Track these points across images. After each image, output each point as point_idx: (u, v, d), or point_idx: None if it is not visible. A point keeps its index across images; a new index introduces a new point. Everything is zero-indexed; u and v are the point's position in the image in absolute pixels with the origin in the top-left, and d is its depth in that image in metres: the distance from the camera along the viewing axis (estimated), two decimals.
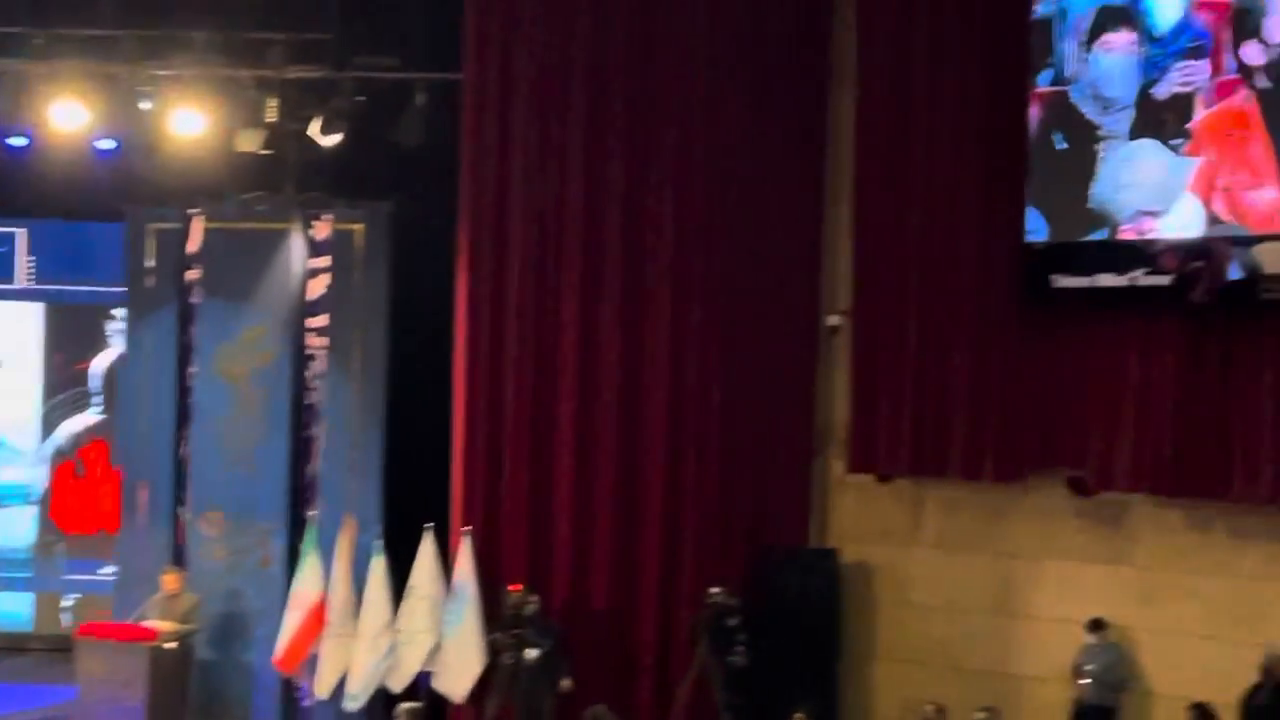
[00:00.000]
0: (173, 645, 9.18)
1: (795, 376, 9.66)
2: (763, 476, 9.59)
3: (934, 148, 9.13)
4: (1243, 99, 8.03)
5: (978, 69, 9.00)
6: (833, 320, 9.64)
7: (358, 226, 9.95)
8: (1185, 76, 8.22)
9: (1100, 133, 8.52)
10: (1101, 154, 8.51)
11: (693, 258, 9.42)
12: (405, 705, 7.54)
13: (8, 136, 10.08)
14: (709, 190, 9.44)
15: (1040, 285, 8.70)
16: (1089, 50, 8.55)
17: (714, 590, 9.13)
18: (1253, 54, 7.98)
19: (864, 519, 9.61)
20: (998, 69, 8.91)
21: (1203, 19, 8.18)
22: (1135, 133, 8.40)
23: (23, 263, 11.41)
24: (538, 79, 9.34)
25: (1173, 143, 8.28)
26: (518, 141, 9.36)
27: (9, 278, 11.44)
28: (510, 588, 9.17)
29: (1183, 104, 8.24)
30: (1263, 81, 7.93)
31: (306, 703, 9.67)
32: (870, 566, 9.53)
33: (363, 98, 9.62)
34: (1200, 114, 8.18)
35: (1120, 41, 8.45)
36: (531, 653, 8.94)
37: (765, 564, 9.43)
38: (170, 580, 9.55)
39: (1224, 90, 8.11)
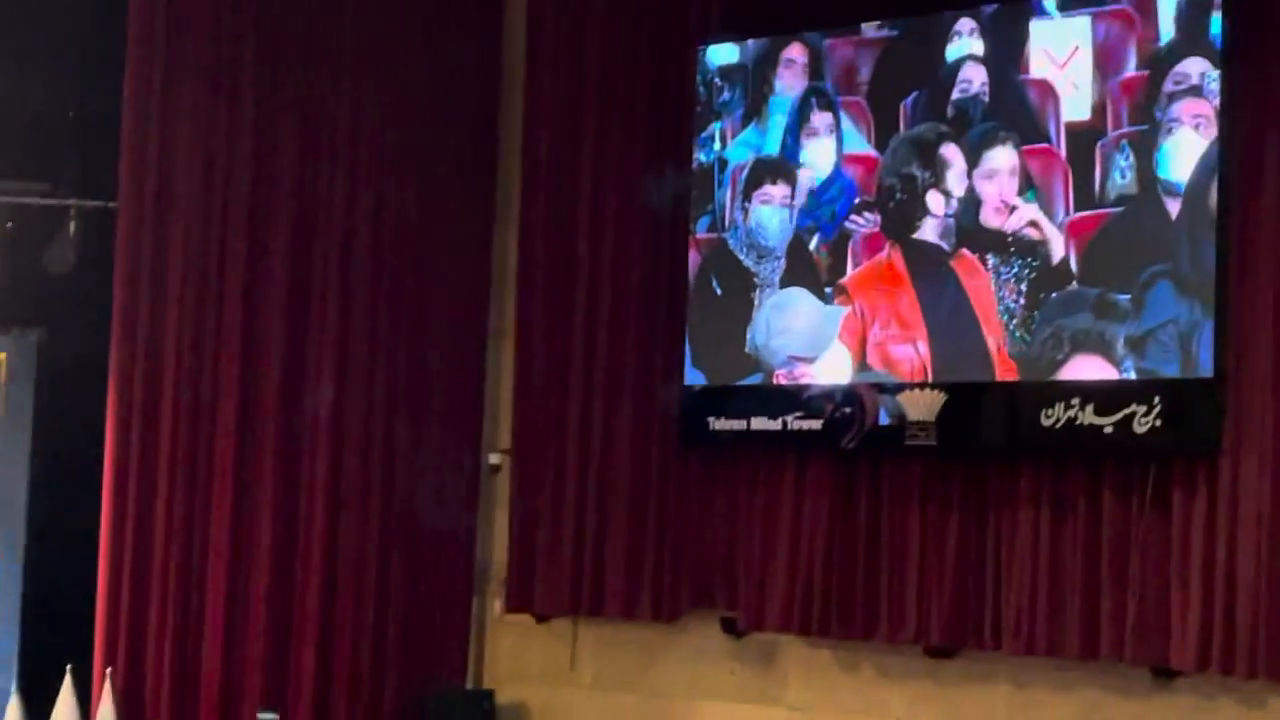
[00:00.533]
0: None
1: (455, 515, 9.56)
2: (421, 616, 9.43)
3: (596, 288, 9.17)
4: (887, 253, 8.28)
5: (640, 213, 9.11)
6: (493, 459, 9.59)
7: (0, 355, 9.59)
8: (838, 228, 8.44)
9: (755, 280, 8.66)
10: (756, 301, 8.65)
11: (353, 396, 9.30)
12: None
13: None
14: (370, 326, 9.36)
15: (698, 428, 8.76)
16: (747, 200, 8.72)
17: None
18: (936, 203, 8.21)
19: (522, 659, 9.51)
20: (661, 212, 9.03)
21: (852, 173, 8.42)
22: (787, 281, 8.57)
23: None
24: (194, 213, 9.15)
25: (825, 291, 8.47)
26: (174, 269, 9.13)
27: None
28: None
29: (836, 254, 8.45)
30: (922, 234, 8.19)
31: None
32: (528, 707, 9.42)
33: (10, 224, 9.33)
34: (851, 265, 8.39)
35: (776, 194, 8.64)
36: None
37: (422, 705, 9.24)
38: None
39: (873, 243, 8.35)
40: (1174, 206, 7.50)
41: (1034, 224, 7.82)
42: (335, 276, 9.29)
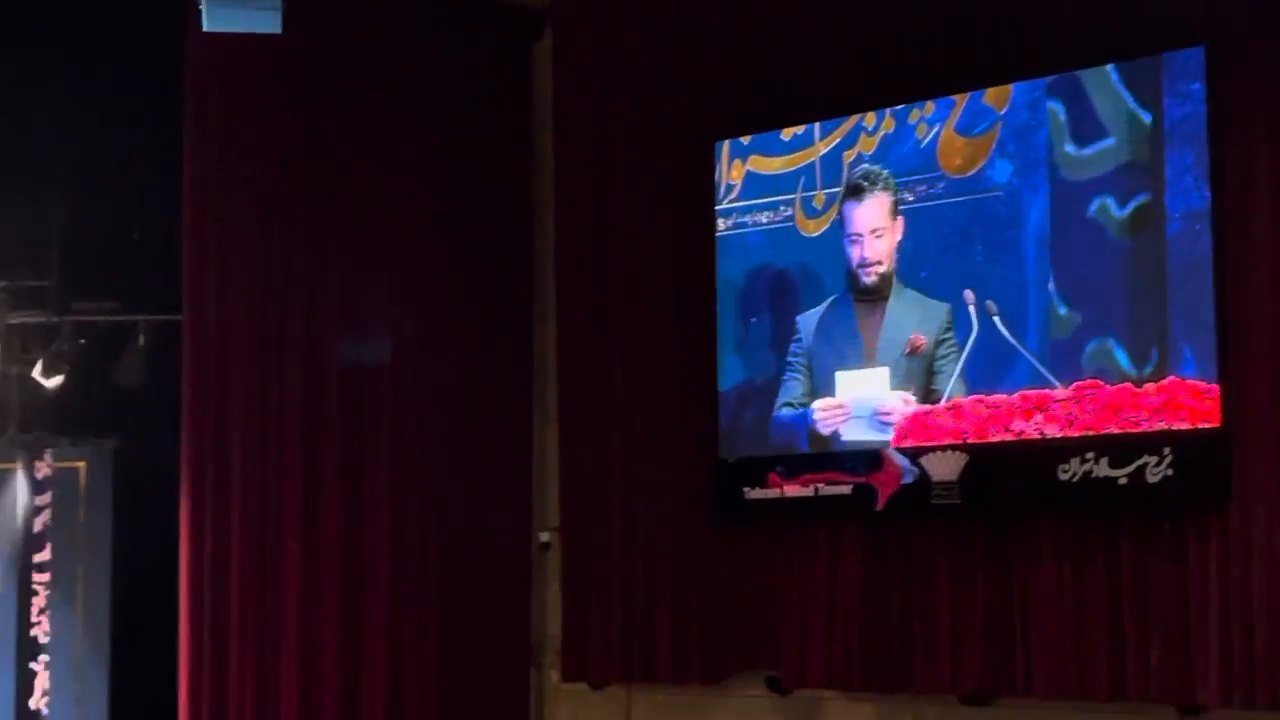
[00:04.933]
0: None
1: (510, 592, 9.50)
2: (481, 688, 9.35)
3: (633, 371, 9.11)
4: None
5: (673, 297, 9.07)
6: (544, 537, 9.53)
7: (80, 463, 9.60)
8: None
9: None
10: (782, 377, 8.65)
11: (407, 484, 9.24)
12: None
13: None
14: (423, 419, 9.30)
15: (734, 498, 8.70)
16: None
17: None
18: None
19: None
20: (692, 293, 8.96)
21: None
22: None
23: None
24: (252, 323, 9.16)
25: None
26: (236, 384, 9.13)
27: None
28: None
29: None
30: None
31: None
32: None
33: (83, 340, 9.39)
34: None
35: None
36: None
37: None
38: None
39: None
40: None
41: None
42: (386, 372, 9.28)
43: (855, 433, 8.33)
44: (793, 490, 8.49)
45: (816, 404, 8.38)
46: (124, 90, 9.39)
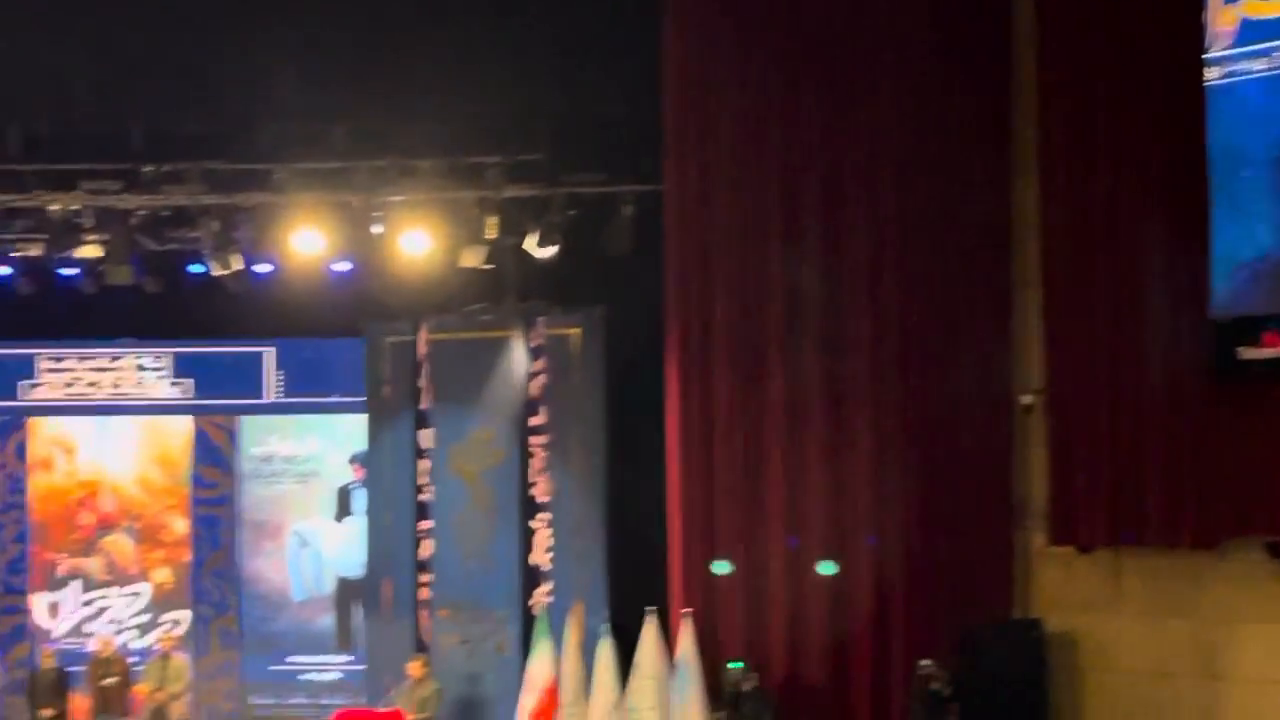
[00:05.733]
0: None
1: (992, 455, 9.43)
2: (966, 552, 9.35)
3: (1117, 228, 8.86)
4: None
5: (1159, 152, 8.75)
6: (1026, 399, 9.40)
7: (573, 331, 10.09)
8: None
9: None
10: None
11: (889, 346, 9.28)
12: None
13: (254, 264, 10.39)
14: (902, 281, 9.29)
15: (1227, 357, 8.41)
16: None
17: (924, 662, 8.96)
18: None
19: (1066, 589, 9.32)
20: (1179, 146, 8.65)
21: None
22: None
23: (271, 379, 11.49)
24: (733, 188, 9.35)
25: None
26: (718, 247, 9.37)
27: (259, 394, 11.47)
28: (729, 665, 9.07)
29: None
30: None
31: None
32: (1074, 636, 9.23)
33: (574, 211, 9.79)
34: None
35: None
36: None
37: (972, 636, 9.18)
38: (415, 668, 9.68)
39: None
40: None
41: None
42: (864, 246, 9.29)
43: None
44: None
45: None
46: None
